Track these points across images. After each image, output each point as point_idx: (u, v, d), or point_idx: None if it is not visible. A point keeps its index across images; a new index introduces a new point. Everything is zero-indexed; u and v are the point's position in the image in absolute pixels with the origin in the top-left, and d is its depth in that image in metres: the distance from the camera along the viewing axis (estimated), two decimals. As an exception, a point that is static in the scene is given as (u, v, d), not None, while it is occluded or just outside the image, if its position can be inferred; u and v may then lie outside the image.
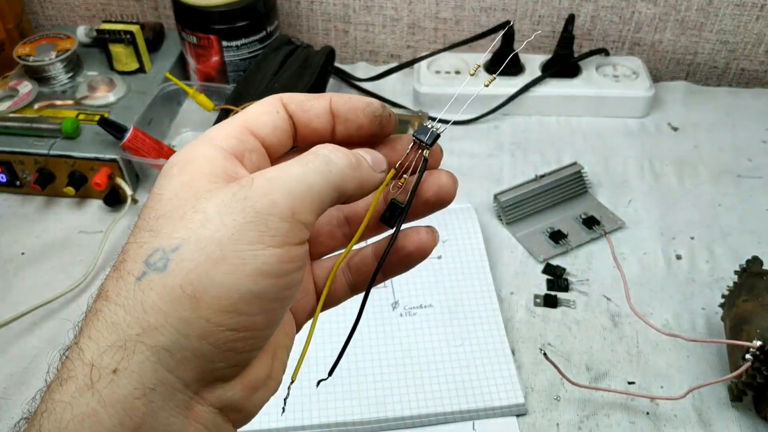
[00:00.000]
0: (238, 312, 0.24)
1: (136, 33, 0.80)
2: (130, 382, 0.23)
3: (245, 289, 0.24)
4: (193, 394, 0.24)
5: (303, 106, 0.30)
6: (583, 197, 0.73)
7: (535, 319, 0.62)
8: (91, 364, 0.23)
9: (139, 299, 0.23)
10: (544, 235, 0.69)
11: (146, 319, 0.23)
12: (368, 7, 0.92)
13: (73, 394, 0.23)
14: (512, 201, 0.70)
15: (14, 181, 0.74)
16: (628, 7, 0.89)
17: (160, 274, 0.24)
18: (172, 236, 0.24)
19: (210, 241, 0.24)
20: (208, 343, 0.24)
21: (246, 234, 0.24)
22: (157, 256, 0.24)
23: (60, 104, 0.77)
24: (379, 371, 0.56)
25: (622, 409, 0.55)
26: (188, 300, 0.23)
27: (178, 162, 0.27)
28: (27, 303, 0.62)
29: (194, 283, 0.23)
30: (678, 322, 0.61)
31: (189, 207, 0.25)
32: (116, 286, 0.24)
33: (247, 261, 0.24)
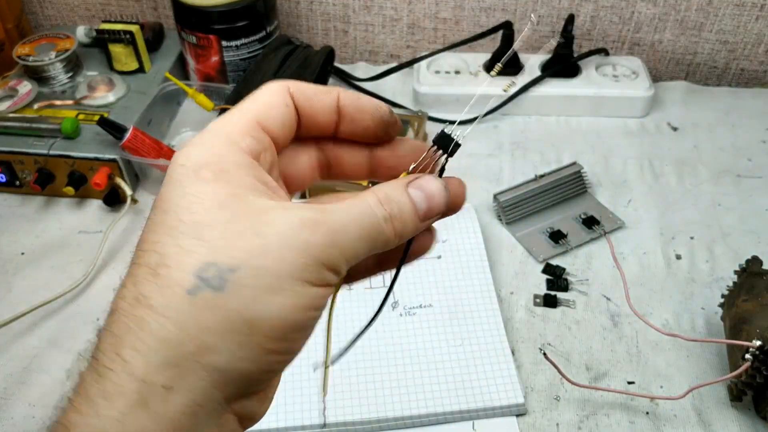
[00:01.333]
0: (285, 339, 0.25)
1: (136, 33, 0.80)
2: (182, 400, 0.23)
3: (294, 320, 0.25)
4: (227, 405, 0.25)
5: (310, 100, 0.29)
6: (583, 197, 0.73)
7: (534, 319, 0.62)
8: (143, 380, 0.23)
9: (193, 316, 0.23)
10: (544, 234, 0.69)
11: (201, 339, 0.23)
12: (368, 7, 0.92)
13: (122, 410, 0.23)
14: (512, 201, 0.70)
15: (14, 181, 0.74)
16: (628, 7, 0.89)
17: (215, 294, 0.23)
18: (228, 254, 0.24)
19: (269, 272, 0.24)
20: (256, 364, 0.24)
21: (302, 273, 0.25)
22: (211, 272, 0.23)
23: (59, 104, 0.77)
24: (379, 371, 0.56)
25: (622, 409, 0.55)
26: (245, 325, 0.24)
27: (207, 164, 0.26)
28: (27, 303, 0.62)
29: (252, 310, 0.24)
30: (678, 321, 0.61)
31: (247, 227, 0.24)
32: (162, 296, 0.24)
33: (300, 295, 0.25)
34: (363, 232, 0.26)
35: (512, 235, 0.69)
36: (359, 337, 0.32)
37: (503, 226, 0.70)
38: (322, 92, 0.30)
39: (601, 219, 0.70)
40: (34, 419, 0.55)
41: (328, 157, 0.32)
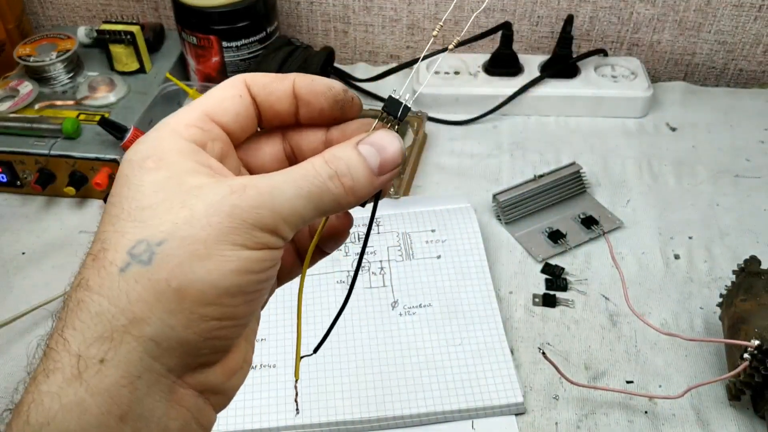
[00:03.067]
0: (221, 304, 0.25)
1: (137, 33, 0.80)
2: (117, 372, 0.24)
3: (228, 284, 0.25)
4: (176, 379, 0.25)
5: (266, 89, 0.30)
6: (582, 197, 0.74)
7: (533, 318, 0.62)
8: (78, 354, 0.24)
9: (124, 290, 0.24)
10: (543, 234, 0.69)
11: (132, 311, 0.24)
12: (368, 8, 0.93)
13: (60, 384, 0.24)
14: (511, 201, 0.70)
15: (15, 181, 0.74)
16: (627, 7, 0.89)
17: (144, 267, 0.24)
18: (157, 229, 0.25)
19: (195, 239, 0.24)
20: (193, 332, 0.24)
21: (229, 237, 0.25)
22: (141, 248, 0.24)
23: (60, 104, 0.77)
24: (378, 370, 0.57)
25: (621, 408, 0.55)
26: (174, 294, 0.24)
27: (151, 155, 0.27)
28: (27, 303, 0.62)
29: (179, 279, 0.24)
30: (676, 321, 0.61)
31: (177, 202, 0.25)
32: (98, 276, 0.25)
33: (230, 260, 0.25)
34: (302, 191, 0.26)
35: (511, 234, 0.70)
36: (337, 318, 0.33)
37: (502, 225, 0.71)
38: (277, 79, 0.30)
39: (600, 219, 0.70)
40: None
41: (291, 146, 0.32)
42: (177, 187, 0.26)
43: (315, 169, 0.27)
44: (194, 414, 0.26)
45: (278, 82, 0.30)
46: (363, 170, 0.27)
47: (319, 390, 0.55)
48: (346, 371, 0.56)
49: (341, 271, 0.64)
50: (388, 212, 0.70)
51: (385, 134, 0.28)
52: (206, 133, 0.28)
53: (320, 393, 0.55)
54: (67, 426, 0.23)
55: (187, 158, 0.27)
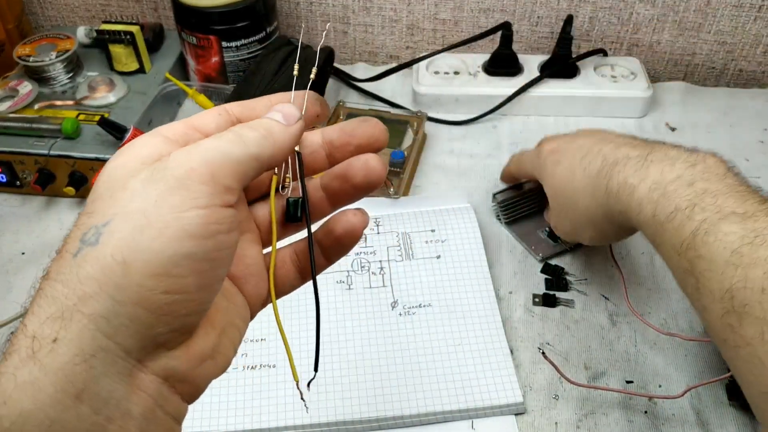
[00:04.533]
0: (168, 275, 0.25)
1: (136, 33, 0.80)
2: (69, 350, 0.24)
3: (172, 252, 0.25)
4: (135, 362, 0.25)
5: (246, 107, 0.32)
6: (582, 197, 0.73)
7: (533, 318, 0.62)
8: (33, 335, 0.24)
9: (74, 272, 0.25)
10: (543, 233, 0.69)
11: (82, 289, 0.24)
12: (367, 8, 0.93)
13: (16, 365, 0.24)
14: (510, 200, 0.70)
15: (14, 181, 0.74)
16: (626, 8, 0.89)
17: (92, 248, 0.25)
18: (104, 214, 0.26)
19: (136, 211, 0.25)
20: (143, 307, 0.25)
21: (168, 200, 0.25)
22: (90, 233, 0.26)
23: (60, 104, 0.77)
24: (378, 370, 0.57)
25: (621, 408, 0.55)
26: (119, 267, 0.24)
27: (120, 150, 0.29)
28: (27, 303, 0.62)
29: (123, 251, 0.25)
30: (676, 321, 0.62)
31: (119, 186, 0.26)
32: (57, 266, 0.26)
33: (171, 224, 0.25)
34: (224, 139, 0.28)
35: (511, 234, 0.70)
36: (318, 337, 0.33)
37: (502, 225, 0.71)
38: (256, 100, 0.33)
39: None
40: None
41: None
42: (122, 172, 0.27)
43: (230, 128, 0.29)
44: (158, 401, 0.26)
45: (257, 101, 0.33)
46: (271, 122, 0.30)
47: (319, 390, 0.55)
48: (345, 371, 0.56)
49: (340, 271, 0.64)
50: (387, 212, 0.70)
51: (279, 104, 0.32)
52: (188, 137, 0.30)
53: (320, 393, 0.55)
54: (22, 405, 0.24)
55: (147, 147, 0.28)
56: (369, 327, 0.60)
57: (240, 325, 0.31)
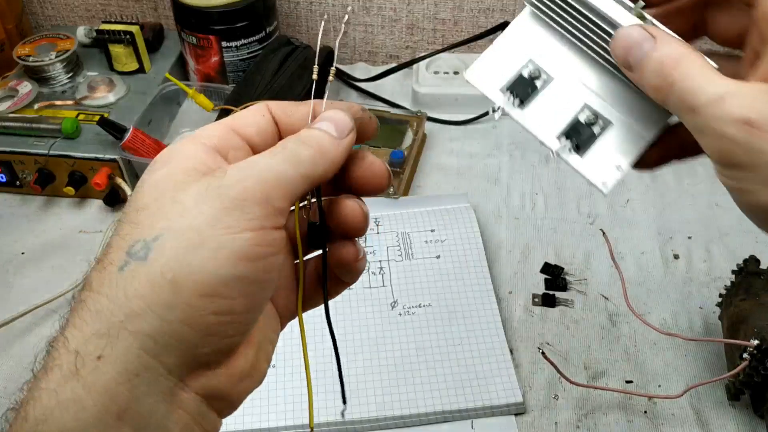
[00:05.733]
0: (218, 295, 0.24)
1: (136, 33, 0.80)
2: (114, 368, 0.24)
3: (224, 273, 0.24)
4: (177, 381, 0.25)
5: (285, 111, 0.31)
6: (582, 197, 0.73)
7: (533, 318, 0.62)
8: (76, 351, 0.24)
9: (121, 287, 0.24)
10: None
11: (129, 306, 0.24)
12: (367, 8, 0.93)
13: (58, 381, 0.24)
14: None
15: (14, 181, 0.74)
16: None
17: (141, 263, 0.24)
18: (153, 227, 0.25)
19: (188, 229, 0.24)
20: (190, 327, 0.24)
21: (222, 219, 0.25)
22: (138, 247, 0.25)
23: (60, 104, 0.77)
24: (378, 370, 0.57)
25: (620, 408, 0.55)
26: (169, 285, 0.24)
27: (162, 158, 0.28)
28: (27, 303, 0.62)
29: (174, 269, 0.24)
30: (675, 321, 0.62)
31: (168, 199, 0.26)
32: (99, 277, 0.25)
33: (224, 245, 0.24)
34: (280, 156, 0.27)
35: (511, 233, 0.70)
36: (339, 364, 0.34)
37: (501, 224, 0.71)
38: (297, 105, 0.31)
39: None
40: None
41: None
42: (169, 184, 0.26)
43: (283, 140, 0.28)
44: (196, 419, 0.26)
45: (297, 107, 0.31)
46: (323, 135, 0.29)
47: (319, 390, 0.55)
48: (345, 371, 0.56)
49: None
50: (387, 212, 0.70)
51: (332, 112, 0.30)
52: (228, 141, 0.29)
53: (320, 393, 0.55)
54: (64, 423, 0.23)
55: (190, 158, 0.27)
56: (369, 327, 0.60)
57: (273, 339, 0.30)
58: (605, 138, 0.32)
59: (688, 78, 0.27)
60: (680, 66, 0.28)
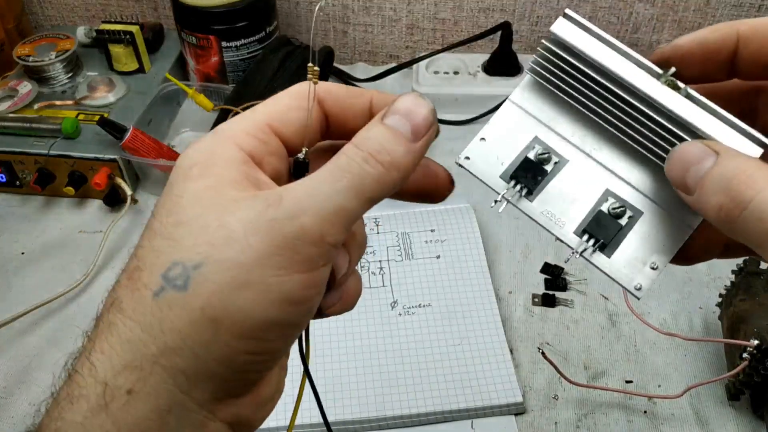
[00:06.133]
0: (257, 338, 0.23)
1: (136, 33, 0.80)
2: (145, 405, 0.22)
3: (267, 318, 0.23)
4: (206, 413, 0.24)
5: (341, 103, 0.28)
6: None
7: (533, 318, 0.62)
8: (105, 382, 0.22)
9: (157, 318, 0.23)
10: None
11: (164, 340, 0.22)
12: (367, 8, 0.93)
13: (85, 414, 0.22)
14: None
15: (14, 181, 0.74)
16: (626, 7, 0.89)
17: (179, 293, 0.22)
18: (193, 251, 0.23)
19: (234, 264, 0.22)
20: (225, 366, 0.23)
21: (272, 259, 0.22)
22: (176, 271, 0.23)
23: (60, 104, 0.77)
24: (378, 370, 0.57)
25: (620, 408, 0.55)
26: (209, 323, 0.22)
27: (199, 162, 0.25)
28: (27, 302, 0.62)
29: (216, 307, 0.22)
30: (675, 321, 0.62)
31: (212, 218, 0.23)
32: (132, 299, 0.23)
33: (272, 288, 0.23)
34: (340, 184, 0.24)
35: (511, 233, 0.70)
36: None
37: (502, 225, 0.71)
38: (354, 95, 0.28)
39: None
40: (34, 419, 0.55)
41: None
42: (214, 200, 0.24)
43: (347, 156, 0.24)
44: None
45: (355, 97, 0.28)
46: (396, 141, 0.25)
47: (319, 390, 0.55)
48: (345, 371, 0.56)
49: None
50: (387, 212, 0.70)
51: (408, 98, 0.26)
52: (265, 146, 0.26)
53: (320, 393, 0.55)
54: None
55: (233, 168, 0.25)
56: (369, 327, 0.60)
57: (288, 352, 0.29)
58: (636, 231, 0.27)
59: (764, 198, 0.22)
60: (754, 180, 0.22)
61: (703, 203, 0.24)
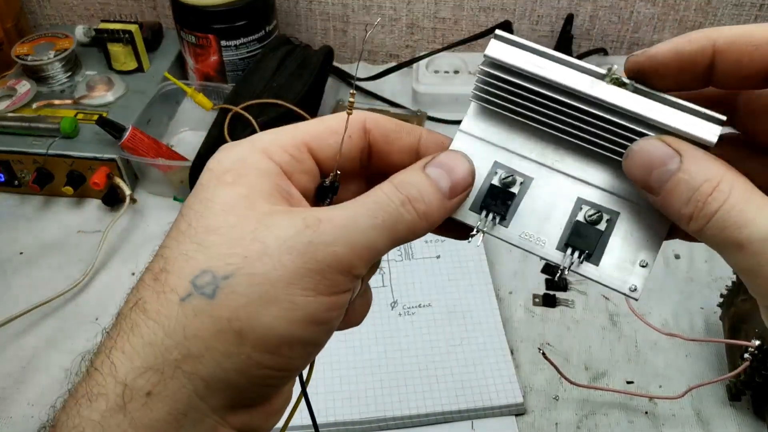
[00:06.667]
0: (279, 354, 0.23)
1: (135, 32, 0.80)
2: (163, 407, 0.23)
3: (291, 335, 0.23)
4: (220, 419, 0.24)
5: (388, 138, 0.28)
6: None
7: (533, 318, 0.62)
8: (125, 383, 0.23)
9: (181, 323, 0.23)
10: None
11: (187, 346, 0.23)
12: (367, 7, 0.92)
13: (103, 413, 0.23)
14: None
15: (13, 181, 0.74)
16: (627, 7, 0.89)
17: (206, 301, 0.23)
18: (225, 261, 0.23)
19: (265, 279, 0.23)
20: (244, 377, 0.23)
21: (302, 280, 0.23)
22: (205, 279, 0.23)
23: (58, 104, 0.77)
24: (378, 371, 0.56)
25: (621, 409, 0.55)
26: (233, 335, 0.23)
27: (231, 169, 0.25)
28: (26, 302, 0.62)
29: (242, 320, 0.23)
30: (677, 321, 0.61)
31: (247, 231, 0.23)
32: (157, 301, 0.23)
33: (298, 307, 0.23)
34: (377, 221, 0.24)
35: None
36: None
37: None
38: (403, 130, 0.28)
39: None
40: (33, 419, 0.55)
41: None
42: (249, 211, 0.24)
43: (387, 196, 0.25)
44: None
45: (404, 133, 0.28)
46: (434, 194, 0.26)
47: (319, 390, 0.55)
48: (345, 372, 0.56)
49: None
50: (387, 212, 0.69)
51: (453, 154, 0.27)
52: (298, 164, 0.26)
53: (320, 393, 0.55)
54: None
55: (266, 180, 0.25)
56: (369, 327, 0.60)
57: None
58: (617, 233, 0.27)
59: (732, 207, 0.22)
60: (719, 192, 0.22)
61: (672, 210, 0.24)
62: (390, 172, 0.27)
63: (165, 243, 0.25)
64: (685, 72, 0.25)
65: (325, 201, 0.27)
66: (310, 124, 0.27)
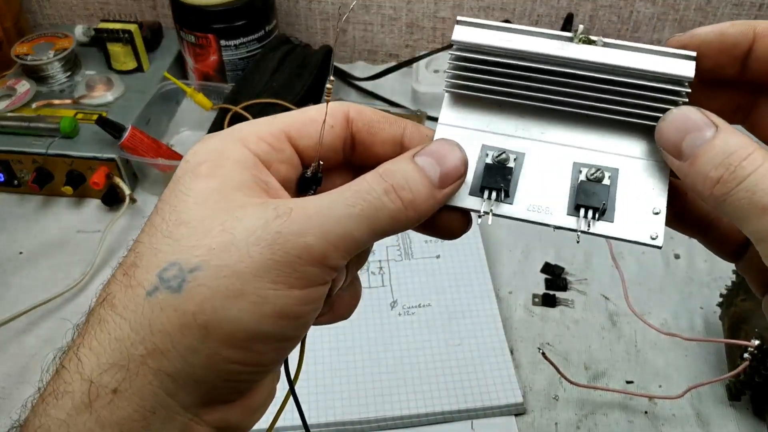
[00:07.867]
0: (248, 349, 0.23)
1: (134, 32, 0.80)
2: (129, 404, 0.22)
3: (260, 329, 0.22)
4: (192, 416, 0.24)
5: (371, 128, 0.27)
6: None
7: (533, 318, 0.62)
8: (90, 380, 0.22)
9: (147, 317, 0.22)
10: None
11: (152, 341, 0.22)
12: (367, 7, 0.92)
13: (69, 411, 0.22)
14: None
15: (12, 181, 0.74)
16: (627, 6, 0.89)
17: (172, 295, 0.22)
18: (192, 252, 0.22)
19: (231, 272, 0.22)
20: (213, 372, 0.23)
21: (270, 272, 0.22)
22: (172, 272, 0.22)
23: (58, 103, 0.77)
24: (378, 371, 0.56)
25: (621, 409, 0.55)
26: (199, 330, 0.22)
27: (207, 160, 0.24)
28: (25, 302, 0.62)
29: (208, 314, 0.22)
30: (676, 321, 0.61)
31: (217, 223, 0.23)
32: (124, 296, 0.23)
33: (267, 300, 0.22)
34: (353, 210, 0.23)
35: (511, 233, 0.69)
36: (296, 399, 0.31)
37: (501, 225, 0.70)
38: (386, 121, 0.27)
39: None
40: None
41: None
42: (221, 203, 0.23)
43: (368, 184, 0.24)
44: None
45: (387, 124, 0.27)
46: (422, 182, 0.25)
47: (319, 390, 0.55)
48: (345, 371, 0.56)
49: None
50: (387, 212, 0.69)
51: (445, 143, 0.26)
52: (277, 153, 0.26)
53: (320, 393, 0.55)
54: None
55: (243, 170, 0.24)
56: (368, 327, 0.60)
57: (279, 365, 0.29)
58: (621, 188, 0.27)
59: (762, 174, 0.23)
60: (753, 158, 0.23)
61: (698, 174, 0.24)
62: (374, 164, 0.26)
63: (138, 238, 0.24)
64: (725, 53, 0.26)
65: (308, 193, 0.27)
66: (290, 113, 0.27)
